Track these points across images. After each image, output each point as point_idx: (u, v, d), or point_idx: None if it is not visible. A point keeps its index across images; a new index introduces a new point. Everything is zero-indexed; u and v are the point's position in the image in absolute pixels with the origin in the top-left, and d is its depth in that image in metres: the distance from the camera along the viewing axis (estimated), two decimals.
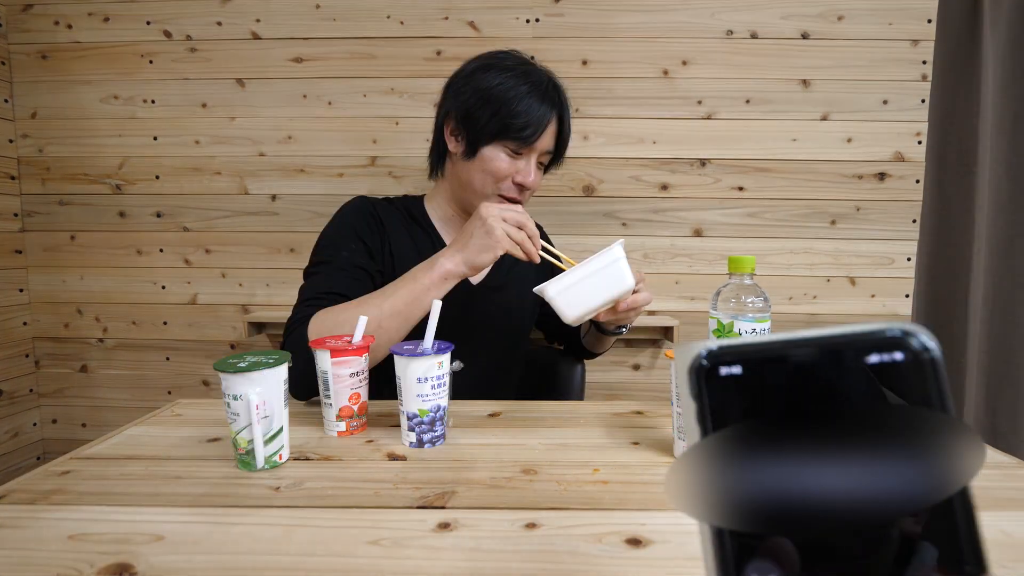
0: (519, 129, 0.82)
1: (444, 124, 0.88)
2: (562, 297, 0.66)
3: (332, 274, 0.81)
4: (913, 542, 0.17)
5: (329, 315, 0.73)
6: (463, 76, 0.86)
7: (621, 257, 0.64)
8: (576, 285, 0.65)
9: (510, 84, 0.82)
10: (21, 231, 1.46)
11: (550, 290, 0.66)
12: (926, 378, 0.17)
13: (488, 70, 0.84)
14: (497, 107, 0.81)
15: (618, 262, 0.64)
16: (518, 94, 0.82)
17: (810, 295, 1.42)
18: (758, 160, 1.39)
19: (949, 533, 0.17)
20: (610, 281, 0.64)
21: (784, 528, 0.16)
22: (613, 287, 0.64)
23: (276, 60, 1.40)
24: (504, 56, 0.87)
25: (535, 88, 0.83)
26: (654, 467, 0.56)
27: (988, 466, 0.55)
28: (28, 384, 1.48)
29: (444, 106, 0.88)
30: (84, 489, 0.50)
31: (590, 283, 0.65)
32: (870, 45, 1.35)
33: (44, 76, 1.42)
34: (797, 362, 0.18)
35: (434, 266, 0.72)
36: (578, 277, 0.65)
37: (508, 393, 0.96)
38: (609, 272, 0.64)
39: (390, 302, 0.71)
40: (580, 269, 0.66)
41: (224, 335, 1.48)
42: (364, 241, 0.86)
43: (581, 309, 0.66)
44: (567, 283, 0.65)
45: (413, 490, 0.50)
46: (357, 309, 0.71)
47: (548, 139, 0.86)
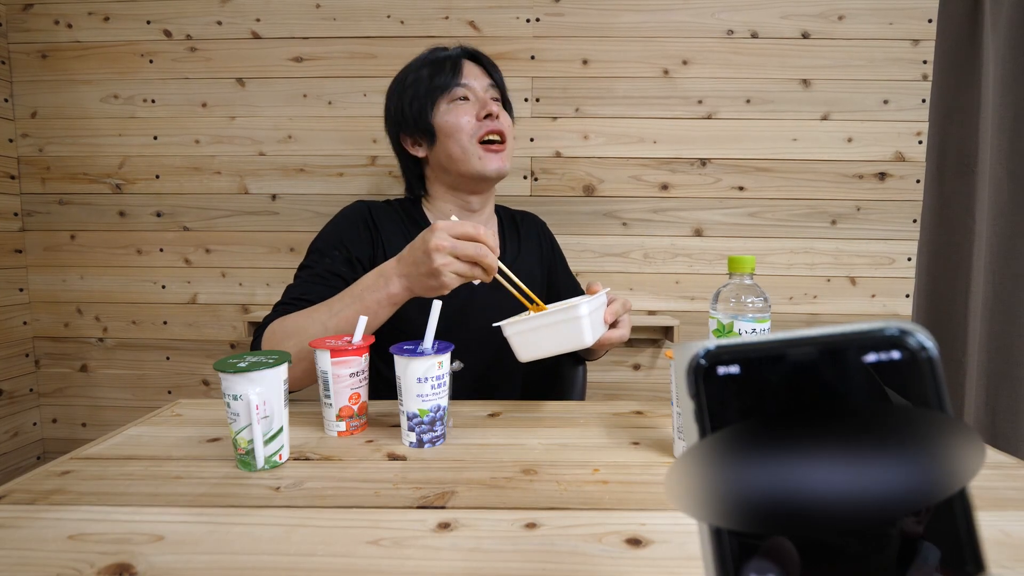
0: (439, 75, 0.86)
1: (400, 143, 0.93)
2: (518, 338, 0.67)
3: (309, 280, 0.83)
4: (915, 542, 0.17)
5: (281, 325, 0.74)
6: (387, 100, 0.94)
7: (583, 316, 0.63)
8: (534, 331, 0.66)
9: (411, 66, 0.90)
10: (21, 231, 1.46)
11: (508, 329, 0.67)
12: (924, 377, 0.17)
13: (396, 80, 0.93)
14: (413, 85, 0.88)
15: (580, 320, 0.63)
16: (418, 63, 0.90)
17: (810, 295, 1.42)
18: (758, 160, 1.39)
19: (949, 533, 0.17)
20: (567, 335, 0.65)
21: (783, 528, 0.17)
22: (568, 341, 0.65)
23: (276, 60, 1.40)
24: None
25: (430, 53, 0.91)
26: (654, 467, 0.56)
27: (988, 466, 0.55)
28: (28, 384, 1.49)
29: (389, 132, 0.95)
30: (84, 489, 0.50)
31: (548, 332, 0.65)
32: (870, 45, 1.35)
33: (44, 76, 1.42)
34: (795, 362, 0.18)
35: (380, 287, 0.69)
36: (536, 325, 0.66)
37: (512, 394, 0.96)
38: (569, 327, 0.64)
39: (335, 320, 0.70)
40: (540, 318, 0.66)
41: (224, 335, 1.48)
42: (349, 249, 0.86)
43: (534, 352, 0.67)
44: (526, 327, 0.66)
45: (413, 490, 0.50)
46: (306, 320, 0.72)
47: (475, 74, 0.89)
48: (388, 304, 0.70)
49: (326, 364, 0.62)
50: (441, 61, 0.88)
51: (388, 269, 0.70)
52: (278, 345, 0.72)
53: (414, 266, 0.66)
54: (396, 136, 0.94)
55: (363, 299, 0.70)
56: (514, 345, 0.67)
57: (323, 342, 0.63)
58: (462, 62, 0.89)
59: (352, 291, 0.71)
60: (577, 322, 0.64)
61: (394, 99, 0.91)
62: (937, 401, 0.17)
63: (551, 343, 0.65)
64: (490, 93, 0.90)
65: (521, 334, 0.66)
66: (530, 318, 0.66)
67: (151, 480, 0.52)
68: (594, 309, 0.67)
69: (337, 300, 0.72)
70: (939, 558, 0.17)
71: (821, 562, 0.17)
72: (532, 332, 0.66)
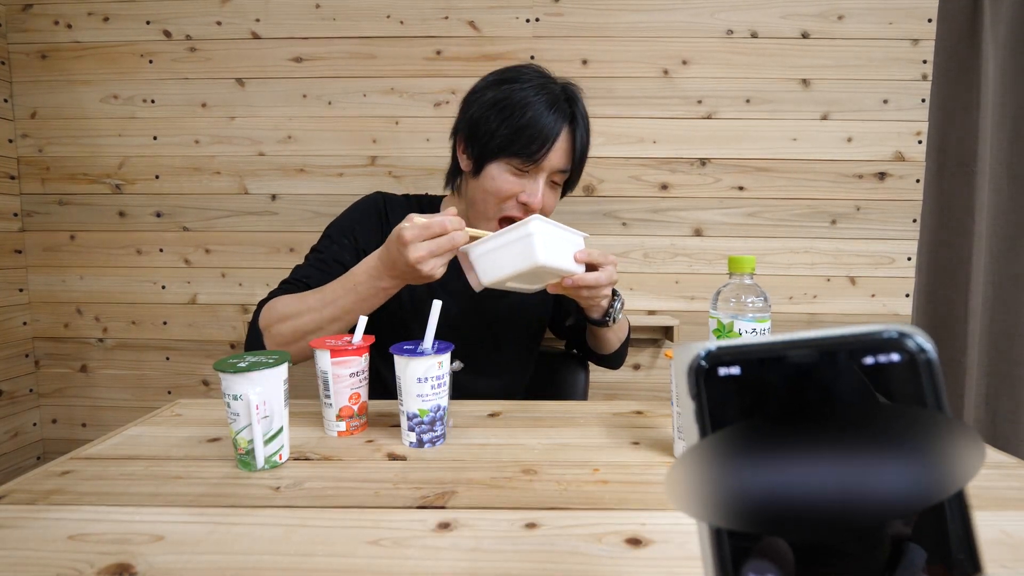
0: (525, 143, 0.78)
1: (456, 142, 0.87)
2: (480, 261, 0.70)
3: (315, 264, 0.85)
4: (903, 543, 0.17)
5: (277, 305, 0.77)
6: (475, 91, 0.84)
7: (534, 233, 0.65)
8: (492, 252, 0.69)
9: (519, 95, 0.78)
10: (21, 231, 1.46)
11: (472, 252, 0.70)
12: (923, 380, 0.17)
13: (500, 84, 0.81)
14: (503, 118, 0.78)
15: (531, 237, 0.65)
16: (525, 102, 0.77)
17: (810, 295, 1.42)
18: (758, 160, 1.39)
19: (941, 533, 0.17)
20: (521, 253, 0.66)
21: (783, 528, 0.17)
22: (522, 259, 0.67)
23: (276, 60, 1.39)
24: (522, 69, 0.83)
25: (544, 96, 0.79)
26: (654, 467, 0.56)
27: (988, 466, 0.56)
28: (28, 384, 1.48)
29: (456, 123, 0.87)
30: (84, 489, 0.50)
31: (504, 252, 0.68)
32: (870, 45, 1.35)
33: (44, 76, 1.42)
34: (795, 363, 0.18)
35: (373, 283, 0.71)
36: (492, 246, 0.69)
37: (519, 395, 0.97)
38: (522, 244, 0.66)
39: (330, 310, 0.73)
40: (495, 237, 0.69)
41: (224, 335, 1.48)
42: (357, 239, 0.87)
43: (493, 275, 0.69)
44: (484, 249, 0.69)
45: (413, 490, 0.50)
46: (297, 308, 0.74)
47: (559, 156, 0.81)
48: (383, 296, 0.73)
49: (326, 364, 0.62)
50: (538, 127, 0.78)
51: (376, 270, 0.71)
52: (271, 326, 0.76)
53: (403, 274, 0.69)
54: (455, 134, 0.88)
55: (357, 291, 0.72)
56: (477, 269, 0.70)
57: (323, 342, 0.63)
58: (557, 140, 0.80)
59: (345, 283, 0.73)
60: (528, 239, 0.65)
61: (476, 106, 0.82)
62: (936, 403, 0.17)
63: (507, 263, 0.68)
64: (556, 177, 0.85)
65: (481, 257, 0.69)
66: (487, 238, 0.69)
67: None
68: (549, 232, 0.69)
69: (330, 289, 0.74)
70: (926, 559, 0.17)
71: (817, 562, 0.17)
72: (490, 254, 0.69)
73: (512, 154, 0.79)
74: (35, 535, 0.42)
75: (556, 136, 0.80)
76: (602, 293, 0.76)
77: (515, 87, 0.79)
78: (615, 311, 0.84)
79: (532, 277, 0.72)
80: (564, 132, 0.81)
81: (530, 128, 0.77)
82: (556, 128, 0.79)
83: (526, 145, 0.78)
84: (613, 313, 0.84)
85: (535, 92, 0.79)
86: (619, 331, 0.93)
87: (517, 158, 0.79)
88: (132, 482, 0.51)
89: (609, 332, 0.90)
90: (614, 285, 0.78)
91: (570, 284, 0.73)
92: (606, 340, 0.93)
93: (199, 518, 0.45)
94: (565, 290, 0.75)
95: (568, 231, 0.73)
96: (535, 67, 0.84)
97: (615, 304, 0.83)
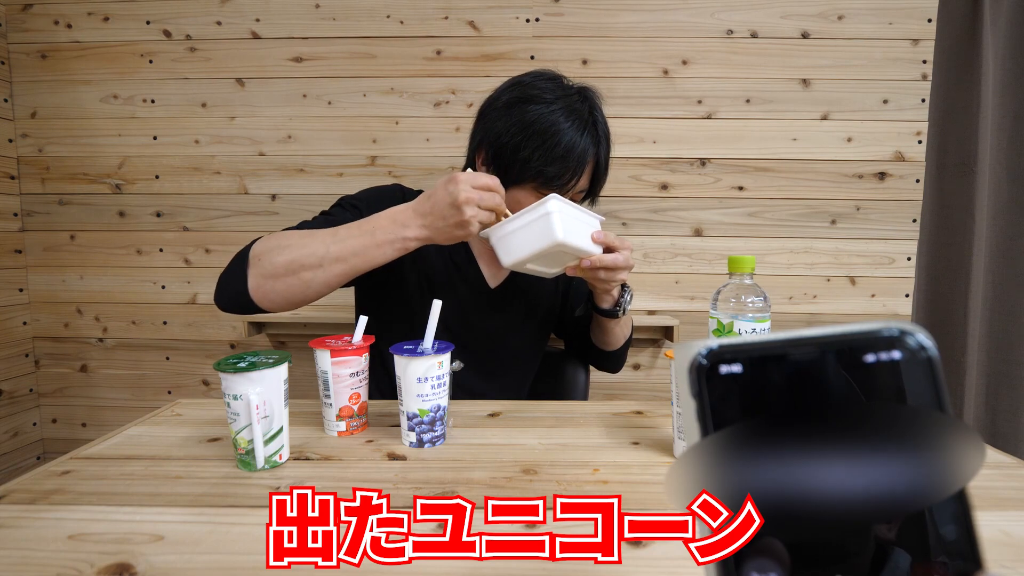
0: (557, 174, 0.76)
1: (476, 154, 0.83)
2: (501, 243, 0.70)
3: (323, 222, 0.78)
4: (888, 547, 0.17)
5: (282, 234, 0.72)
6: (499, 106, 0.79)
7: (553, 211, 0.66)
8: (512, 234, 0.69)
9: (548, 120, 0.75)
10: (21, 231, 1.46)
11: (494, 235, 0.70)
12: (923, 377, 0.17)
13: (525, 103, 0.77)
14: (534, 146, 0.75)
15: (549, 216, 0.66)
16: (556, 128, 0.75)
17: (810, 295, 1.42)
18: (758, 160, 1.39)
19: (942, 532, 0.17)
20: (540, 232, 0.67)
21: (783, 528, 0.17)
22: (541, 238, 0.67)
23: (276, 60, 1.39)
24: (538, 82, 0.80)
25: (574, 121, 0.76)
26: (654, 467, 0.56)
27: (988, 466, 0.55)
28: (28, 384, 1.48)
29: (477, 134, 0.82)
30: (84, 489, 0.50)
31: (524, 233, 0.68)
32: (870, 45, 1.35)
33: (44, 76, 1.42)
34: (796, 361, 0.18)
35: (396, 229, 0.68)
36: (512, 227, 0.69)
37: (524, 393, 0.97)
38: (541, 223, 0.67)
39: (338, 247, 0.68)
40: (514, 219, 0.69)
41: (224, 335, 1.48)
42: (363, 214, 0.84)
43: (514, 256, 0.70)
44: (504, 231, 0.70)
45: (413, 490, 0.50)
46: (301, 239, 0.69)
47: (584, 179, 0.81)
48: (400, 247, 0.69)
49: (326, 364, 0.62)
50: (571, 157, 0.76)
51: (405, 216, 0.69)
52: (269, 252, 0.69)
53: (441, 219, 0.67)
54: (476, 146, 0.83)
55: (374, 235, 0.68)
56: (497, 252, 0.71)
57: (323, 342, 0.63)
58: (585, 166, 0.79)
59: (362, 226, 0.69)
60: (547, 217, 0.66)
61: (502, 124, 0.78)
62: (937, 401, 0.17)
63: (528, 243, 0.68)
64: (576, 196, 0.83)
65: (503, 239, 0.70)
66: (507, 220, 0.69)
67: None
68: (567, 211, 0.69)
69: (344, 228, 0.70)
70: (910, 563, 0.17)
71: (815, 562, 0.17)
72: (511, 235, 0.69)
73: (542, 183, 0.78)
74: (35, 535, 0.42)
75: (586, 163, 0.79)
76: (619, 276, 0.77)
77: (542, 109, 0.76)
78: (626, 301, 0.84)
79: (551, 259, 0.72)
80: (591, 159, 0.80)
81: (563, 160, 0.76)
82: (587, 155, 0.78)
83: (558, 176, 0.77)
84: (624, 303, 0.84)
85: (564, 115, 0.76)
86: (625, 326, 0.93)
87: (546, 185, 0.78)
88: (132, 482, 0.51)
89: (616, 326, 0.90)
90: (630, 270, 0.78)
91: (588, 265, 0.73)
92: (612, 334, 0.92)
93: (199, 518, 0.45)
94: (583, 272, 0.75)
95: (586, 213, 0.74)
96: (549, 75, 0.81)
97: (625, 295, 0.84)
